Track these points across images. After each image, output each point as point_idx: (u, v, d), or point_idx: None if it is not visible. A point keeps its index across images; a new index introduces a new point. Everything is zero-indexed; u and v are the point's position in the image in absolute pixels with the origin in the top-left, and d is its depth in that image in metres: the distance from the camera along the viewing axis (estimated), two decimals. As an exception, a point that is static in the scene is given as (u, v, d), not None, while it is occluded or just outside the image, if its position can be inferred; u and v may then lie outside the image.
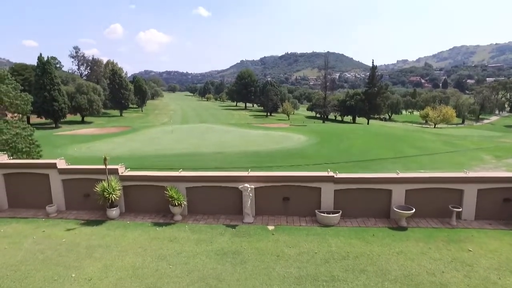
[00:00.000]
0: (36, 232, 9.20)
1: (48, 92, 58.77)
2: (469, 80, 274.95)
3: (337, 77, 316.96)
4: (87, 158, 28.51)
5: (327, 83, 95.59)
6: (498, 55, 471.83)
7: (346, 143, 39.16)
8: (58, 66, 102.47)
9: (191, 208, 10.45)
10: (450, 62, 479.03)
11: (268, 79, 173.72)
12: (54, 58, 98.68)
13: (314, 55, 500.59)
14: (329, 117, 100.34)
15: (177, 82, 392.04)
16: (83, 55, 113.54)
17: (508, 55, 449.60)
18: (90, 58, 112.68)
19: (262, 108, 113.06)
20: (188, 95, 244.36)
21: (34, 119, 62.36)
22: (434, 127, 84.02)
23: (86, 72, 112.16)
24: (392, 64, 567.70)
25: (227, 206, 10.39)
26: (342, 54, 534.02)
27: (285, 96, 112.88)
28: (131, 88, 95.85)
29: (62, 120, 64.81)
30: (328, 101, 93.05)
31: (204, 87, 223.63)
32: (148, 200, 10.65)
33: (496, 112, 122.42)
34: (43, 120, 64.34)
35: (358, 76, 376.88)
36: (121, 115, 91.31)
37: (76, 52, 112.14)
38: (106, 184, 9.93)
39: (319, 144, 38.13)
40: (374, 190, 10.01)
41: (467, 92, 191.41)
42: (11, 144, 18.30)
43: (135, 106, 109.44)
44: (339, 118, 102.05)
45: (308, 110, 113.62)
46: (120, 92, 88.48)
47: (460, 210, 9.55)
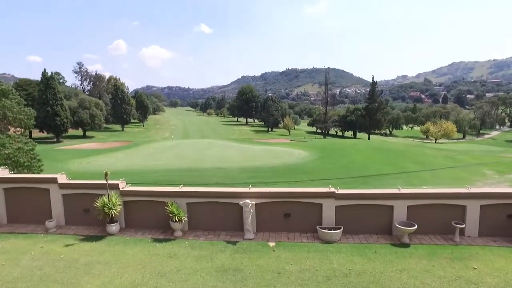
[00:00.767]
0: (35, 248, 9.10)
1: (51, 107, 59.32)
2: (468, 95, 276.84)
3: (337, 92, 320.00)
4: (87, 173, 28.47)
5: (328, 99, 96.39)
6: (496, 71, 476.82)
7: (347, 158, 39.11)
8: (61, 81, 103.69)
9: (192, 224, 10.36)
10: (450, 78, 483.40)
11: (269, 94, 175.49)
12: (58, 74, 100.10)
13: (315, 71, 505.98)
14: (330, 132, 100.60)
15: (178, 97, 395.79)
16: (86, 71, 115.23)
17: (506, 71, 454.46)
18: (93, 74, 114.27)
19: (263, 123, 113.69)
20: (190, 110, 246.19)
21: (36, 133, 62.67)
22: (435, 142, 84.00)
23: (89, 87, 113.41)
24: (392, 79, 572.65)
25: (227, 222, 10.30)
26: (343, 70, 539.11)
27: (286, 112, 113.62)
28: (133, 103, 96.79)
29: (63, 134, 65.18)
30: (328, 116, 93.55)
31: (205, 102, 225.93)
32: (148, 216, 10.57)
33: (497, 127, 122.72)
34: (45, 134, 64.66)
35: (359, 91, 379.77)
36: (122, 130, 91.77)
37: (79, 68, 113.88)
38: (106, 199, 9.88)
39: (320, 160, 38.08)
40: (375, 206, 9.92)
41: (467, 107, 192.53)
42: (13, 159, 18.35)
43: (136, 121, 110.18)
44: (340, 133, 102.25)
45: (309, 125, 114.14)
46: (122, 107, 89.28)
47: (463, 226, 9.44)
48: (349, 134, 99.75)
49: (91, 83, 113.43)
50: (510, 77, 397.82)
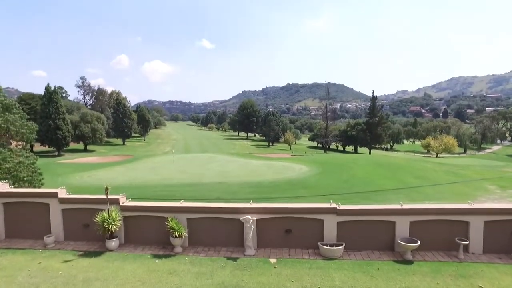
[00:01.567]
0: (32, 264, 8.98)
1: (53, 120, 59.64)
2: (468, 110, 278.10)
3: (338, 107, 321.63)
4: (88, 187, 28.36)
5: (328, 113, 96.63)
6: (495, 85, 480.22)
7: (348, 173, 38.92)
8: (64, 95, 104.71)
9: (192, 239, 10.24)
10: (449, 92, 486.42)
11: (270, 109, 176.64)
12: (61, 88, 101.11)
13: (315, 86, 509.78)
14: (330, 147, 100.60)
15: (180, 112, 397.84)
16: (89, 85, 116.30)
17: (505, 85, 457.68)
18: (96, 88, 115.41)
19: (264, 138, 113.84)
20: (191, 125, 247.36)
21: (37, 147, 62.80)
22: (437, 157, 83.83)
23: (91, 102, 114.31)
24: (392, 94, 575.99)
25: (228, 238, 10.19)
26: (343, 85, 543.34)
27: (286, 126, 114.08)
28: (135, 117, 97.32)
29: (65, 148, 65.28)
30: (329, 131, 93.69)
31: (206, 116, 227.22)
32: (148, 231, 10.47)
33: (498, 141, 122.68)
34: (46, 148, 64.76)
35: (359, 106, 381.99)
36: (123, 144, 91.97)
37: (82, 82, 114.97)
38: (106, 215, 9.82)
39: (321, 174, 37.91)
40: (377, 222, 9.82)
41: (468, 121, 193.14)
42: (13, 173, 18.31)
43: (137, 135, 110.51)
44: (340, 148, 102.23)
45: (309, 140, 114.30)
46: (123, 121, 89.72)
47: (467, 243, 9.30)
48: (350, 148, 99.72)
49: (94, 97, 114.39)
50: (509, 91, 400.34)
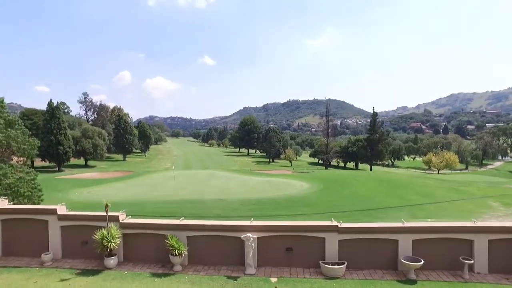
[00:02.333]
0: (28, 283, 8.79)
1: (55, 136, 59.93)
2: (469, 126, 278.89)
3: (338, 123, 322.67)
4: (87, 203, 28.20)
5: (329, 130, 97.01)
6: (494, 102, 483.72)
7: (349, 190, 38.70)
8: (66, 111, 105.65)
9: (192, 258, 10.08)
10: (449, 109, 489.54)
11: (271, 125, 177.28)
12: (63, 104, 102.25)
13: (316, 102, 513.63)
14: (331, 163, 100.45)
15: (181, 128, 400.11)
16: (91, 101, 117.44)
17: (505, 102, 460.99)
18: (98, 104, 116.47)
19: (265, 154, 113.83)
20: (192, 141, 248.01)
21: (38, 162, 62.82)
22: (438, 173, 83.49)
23: (93, 117, 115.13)
24: (393, 110, 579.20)
25: (228, 256, 10.02)
26: (343, 101, 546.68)
27: (287, 143, 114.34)
28: (136, 133, 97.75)
29: (65, 163, 65.25)
30: (330, 147, 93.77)
31: (207, 133, 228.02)
32: (148, 249, 10.32)
33: (499, 157, 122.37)
34: (47, 163, 64.77)
35: (360, 122, 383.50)
36: (124, 160, 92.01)
37: (84, 98, 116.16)
38: (105, 232, 9.70)
39: (322, 191, 37.69)
40: (379, 240, 9.67)
41: (468, 137, 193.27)
42: (14, 189, 18.26)
43: (138, 150, 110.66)
44: (341, 165, 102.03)
45: (310, 156, 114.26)
46: (124, 137, 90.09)
47: (472, 262, 9.12)
48: (351, 165, 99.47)
49: (95, 113, 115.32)
50: (508, 108, 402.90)
